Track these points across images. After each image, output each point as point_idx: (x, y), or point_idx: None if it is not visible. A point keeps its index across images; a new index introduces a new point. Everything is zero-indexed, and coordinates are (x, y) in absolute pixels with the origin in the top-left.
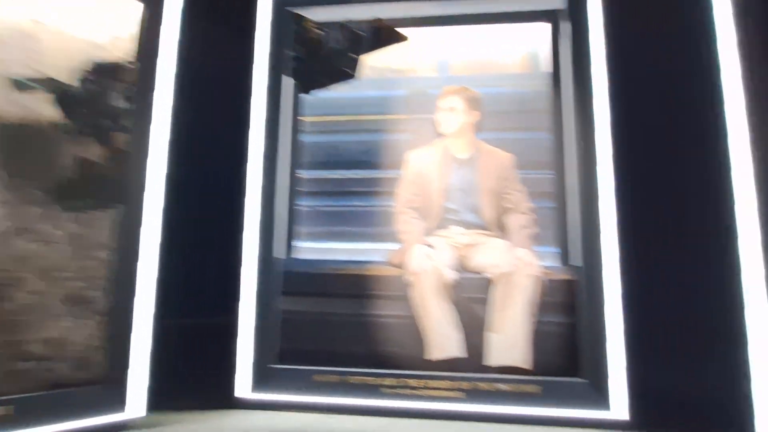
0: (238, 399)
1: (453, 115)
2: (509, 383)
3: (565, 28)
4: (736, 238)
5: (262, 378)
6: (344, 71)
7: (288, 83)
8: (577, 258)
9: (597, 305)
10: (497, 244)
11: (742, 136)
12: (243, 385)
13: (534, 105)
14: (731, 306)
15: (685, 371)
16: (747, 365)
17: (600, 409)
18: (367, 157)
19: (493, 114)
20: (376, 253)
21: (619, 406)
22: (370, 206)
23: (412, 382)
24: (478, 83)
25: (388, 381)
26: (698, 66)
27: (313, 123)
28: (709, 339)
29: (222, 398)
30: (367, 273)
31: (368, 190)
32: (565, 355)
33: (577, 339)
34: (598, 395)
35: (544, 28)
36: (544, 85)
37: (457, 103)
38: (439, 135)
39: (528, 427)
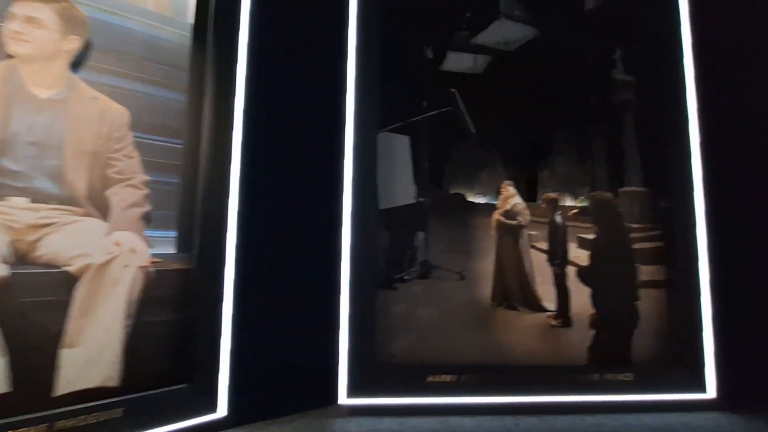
0: None
1: (33, 31)
2: (77, 416)
3: None
4: (340, 233)
5: None
6: None
7: None
8: (197, 244)
9: (211, 298)
10: (87, 225)
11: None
12: None
13: (168, 56)
14: (330, 294)
15: (287, 356)
16: (338, 344)
17: (206, 414)
18: None
19: (108, 51)
20: None
21: (222, 404)
22: None
23: None
24: (92, 3)
25: None
26: (331, 53)
27: None
28: (312, 325)
29: None
30: None
31: None
32: (173, 359)
33: (189, 338)
34: (203, 398)
35: None
36: (184, 37)
37: (45, 14)
38: (7, 56)
39: None
